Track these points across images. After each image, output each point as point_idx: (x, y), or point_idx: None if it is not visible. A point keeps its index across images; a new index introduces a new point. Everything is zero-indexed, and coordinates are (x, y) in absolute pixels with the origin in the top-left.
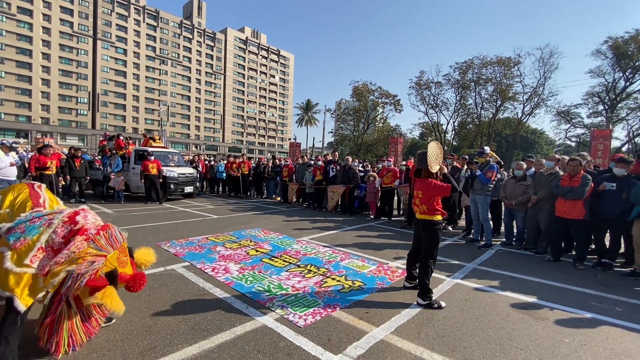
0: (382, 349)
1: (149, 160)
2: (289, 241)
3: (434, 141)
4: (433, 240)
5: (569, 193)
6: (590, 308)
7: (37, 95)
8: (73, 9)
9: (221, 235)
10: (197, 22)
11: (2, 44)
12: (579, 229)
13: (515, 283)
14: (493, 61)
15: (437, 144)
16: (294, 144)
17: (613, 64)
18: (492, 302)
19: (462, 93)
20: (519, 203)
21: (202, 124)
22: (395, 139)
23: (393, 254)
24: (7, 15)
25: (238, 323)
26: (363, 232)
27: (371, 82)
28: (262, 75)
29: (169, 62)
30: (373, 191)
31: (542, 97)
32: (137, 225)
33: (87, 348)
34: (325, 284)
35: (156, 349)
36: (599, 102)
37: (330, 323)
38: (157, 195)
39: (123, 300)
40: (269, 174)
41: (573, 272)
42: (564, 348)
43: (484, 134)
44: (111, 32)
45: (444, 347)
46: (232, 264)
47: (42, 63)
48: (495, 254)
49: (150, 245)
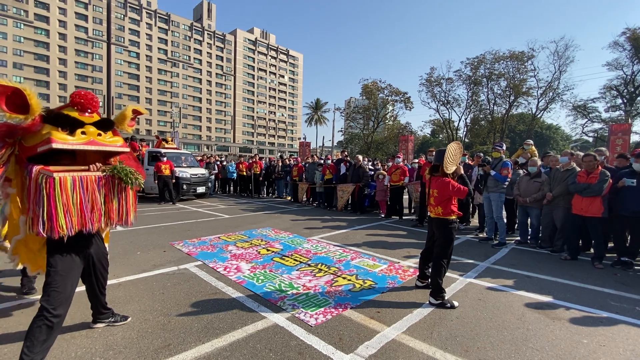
0: (394, 349)
1: (162, 162)
2: (300, 240)
3: (456, 142)
4: (447, 239)
5: (587, 190)
6: (609, 308)
7: (54, 99)
8: (87, 14)
9: (233, 235)
10: (207, 24)
11: (20, 51)
12: (597, 227)
13: (530, 282)
14: (506, 56)
15: (458, 145)
16: (304, 144)
17: (631, 56)
18: (506, 301)
19: (474, 89)
20: (533, 200)
21: (213, 125)
22: (405, 136)
23: (404, 253)
24: (25, 22)
25: (250, 322)
26: (374, 231)
27: (381, 80)
28: (272, 76)
29: (180, 65)
30: (382, 189)
31: (557, 91)
32: (151, 225)
33: (103, 345)
34: (336, 283)
35: (170, 346)
36: (617, 95)
37: (342, 322)
38: (170, 196)
39: (137, 300)
40: (279, 174)
41: (591, 271)
42: (582, 349)
43: (497, 130)
44: (124, 36)
45: (457, 348)
46: (244, 263)
47: (59, 68)
48: (510, 252)
49: (163, 245)
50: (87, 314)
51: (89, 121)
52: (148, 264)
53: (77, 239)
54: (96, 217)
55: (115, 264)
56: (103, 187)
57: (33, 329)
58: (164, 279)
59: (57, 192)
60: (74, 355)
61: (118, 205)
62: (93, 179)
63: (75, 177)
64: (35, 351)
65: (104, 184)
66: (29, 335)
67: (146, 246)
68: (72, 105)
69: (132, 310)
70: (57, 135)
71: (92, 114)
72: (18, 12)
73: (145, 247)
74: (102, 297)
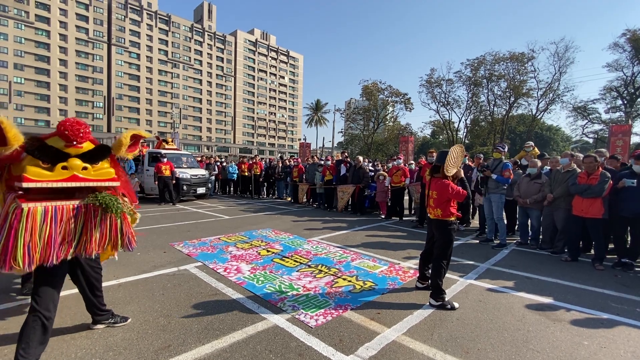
0: (394, 350)
1: (162, 162)
2: (300, 241)
3: (460, 145)
4: (447, 240)
5: (587, 191)
6: (610, 309)
7: (55, 100)
8: (88, 15)
9: (233, 236)
10: (207, 25)
11: (21, 52)
12: (598, 228)
13: (530, 284)
14: (506, 57)
15: (461, 149)
16: (304, 144)
17: (632, 57)
18: (507, 303)
19: (474, 90)
20: (533, 202)
21: (213, 126)
22: (405, 137)
23: (404, 254)
24: (25, 23)
25: (250, 323)
26: (374, 232)
27: (381, 81)
28: (272, 77)
29: (181, 66)
30: (383, 190)
31: (557, 92)
32: (151, 226)
33: (103, 346)
34: (337, 284)
35: (170, 347)
36: (618, 96)
37: (342, 323)
38: (170, 197)
39: (137, 301)
40: (279, 175)
41: (591, 272)
42: (583, 351)
43: (497, 131)
44: (125, 37)
45: (457, 349)
46: (244, 264)
47: (59, 69)
48: (510, 253)
49: (163, 246)
50: (87, 315)
51: (75, 153)
52: (148, 264)
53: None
54: (64, 249)
55: (115, 265)
56: (83, 215)
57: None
58: (164, 280)
59: (22, 224)
60: (74, 356)
61: (100, 235)
62: (70, 207)
63: (48, 207)
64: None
65: (84, 212)
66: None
67: (146, 247)
68: (58, 134)
69: (132, 311)
70: (32, 171)
71: (80, 144)
72: (19, 13)
73: (145, 248)
74: (96, 299)
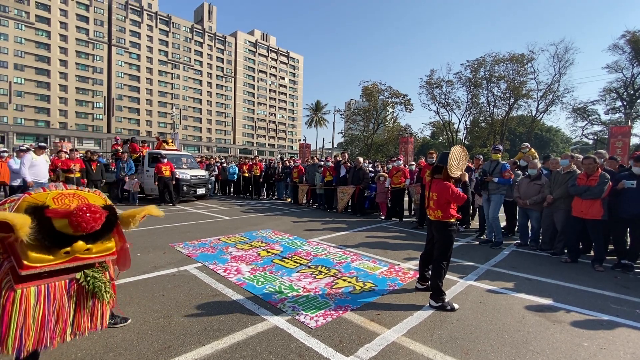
0: (394, 351)
1: (162, 163)
2: (300, 242)
3: (461, 146)
4: (447, 241)
5: (587, 192)
6: (610, 311)
7: (55, 100)
8: (89, 16)
9: (233, 237)
10: (207, 26)
11: (21, 52)
12: (597, 230)
13: (530, 285)
14: (506, 58)
15: (463, 150)
16: (304, 145)
17: (631, 59)
18: (506, 304)
19: (474, 91)
20: (533, 203)
21: (213, 127)
22: (405, 138)
23: (404, 255)
24: (26, 24)
25: (250, 324)
26: (374, 233)
27: (381, 82)
28: (272, 77)
29: (181, 66)
30: (383, 191)
31: (557, 93)
32: (151, 226)
33: (103, 347)
34: (336, 285)
35: (170, 348)
36: (617, 98)
37: (342, 324)
38: (170, 197)
39: (137, 302)
40: (279, 175)
41: (591, 273)
42: (583, 352)
43: (497, 132)
44: (125, 38)
45: (457, 350)
46: (244, 264)
47: (59, 70)
48: (510, 255)
49: (164, 247)
50: None
51: (80, 234)
52: (148, 265)
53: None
54: (59, 330)
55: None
56: (75, 293)
57: None
58: (164, 280)
59: (16, 307)
60: (74, 357)
61: (91, 315)
62: (63, 285)
63: (40, 287)
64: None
65: (76, 289)
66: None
67: (146, 248)
68: (70, 223)
69: (132, 312)
70: (33, 257)
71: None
72: (19, 13)
73: (145, 248)
74: None
